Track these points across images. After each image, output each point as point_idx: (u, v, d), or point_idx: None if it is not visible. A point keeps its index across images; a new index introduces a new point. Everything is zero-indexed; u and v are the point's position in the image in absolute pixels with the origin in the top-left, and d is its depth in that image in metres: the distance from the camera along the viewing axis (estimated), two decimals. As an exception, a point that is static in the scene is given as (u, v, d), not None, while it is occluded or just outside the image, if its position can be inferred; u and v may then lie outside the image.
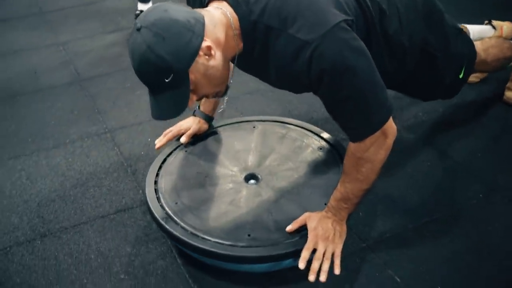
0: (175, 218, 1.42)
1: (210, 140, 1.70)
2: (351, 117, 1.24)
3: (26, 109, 2.29)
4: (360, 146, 1.27)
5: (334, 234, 1.34)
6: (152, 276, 1.47)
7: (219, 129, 1.74)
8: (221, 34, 1.22)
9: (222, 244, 1.34)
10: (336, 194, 1.36)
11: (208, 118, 1.73)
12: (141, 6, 2.92)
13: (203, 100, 1.70)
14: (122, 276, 1.48)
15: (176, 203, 1.47)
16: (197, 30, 1.16)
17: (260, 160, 1.62)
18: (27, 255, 1.56)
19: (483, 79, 2.25)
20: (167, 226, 1.40)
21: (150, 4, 2.91)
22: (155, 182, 1.55)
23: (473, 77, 2.24)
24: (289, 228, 1.37)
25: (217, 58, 1.22)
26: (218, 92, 1.31)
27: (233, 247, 1.34)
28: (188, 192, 1.51)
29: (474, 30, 2.12)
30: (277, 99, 2.23)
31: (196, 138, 1.70)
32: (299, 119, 1.84)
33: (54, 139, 2.09)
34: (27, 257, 1.55)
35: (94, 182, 1.84)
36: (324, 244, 1.32)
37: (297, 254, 1.32)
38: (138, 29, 1.15)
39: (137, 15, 2.87)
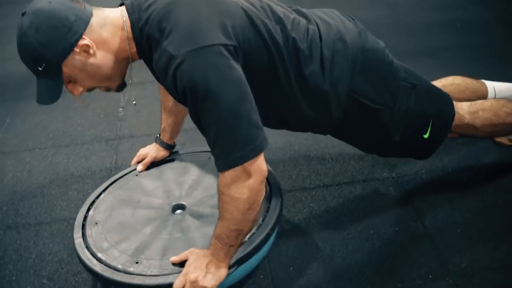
0: (87, 238, 1.48)
1: (162, 168, 1.73)
2: (213, 143, 1.21)
3: (64, 106, 2.51)
4: (222, 179, 1.22)
5: (205, 275, 1.28)
6: (69, 287, 1.56)
7: (177, 158, 1.76)
8: (108, 35, 1.26)
9: (110, 267, 1.37)
10: (215, 231, 1.31)
11: (167, 146, 1.75)
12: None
13: (162, 127, 1.73)
14: (44, 281, 1.58)
15: (96, 223, 1.53)
16: (76, 28, 1.20)
17: (197, 190, 1.61)
18: (-16, 244, 1.74)
19: (517, 142, 1.98)
20: (75, 241, 1.47)
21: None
22: (93, 202, 1.63)
23: (504, 139, 1.97)
24: (172, 259, 1.35)
25: (99, 57, 1.25)
26: (106, 87, 1.36)
27: (118, 272, 1.35)
28: (115, 213, 1.56)
29: (498, 87, 1.87)
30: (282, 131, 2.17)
31: (152, 164, 1.74)
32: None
33: (70, 138, 2.27)
34: (-17, 246, 1.73)
35: (77, 185, 1.98)
36: (191, 285, 1.28)
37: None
38: (23, 14, 1.22)
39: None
